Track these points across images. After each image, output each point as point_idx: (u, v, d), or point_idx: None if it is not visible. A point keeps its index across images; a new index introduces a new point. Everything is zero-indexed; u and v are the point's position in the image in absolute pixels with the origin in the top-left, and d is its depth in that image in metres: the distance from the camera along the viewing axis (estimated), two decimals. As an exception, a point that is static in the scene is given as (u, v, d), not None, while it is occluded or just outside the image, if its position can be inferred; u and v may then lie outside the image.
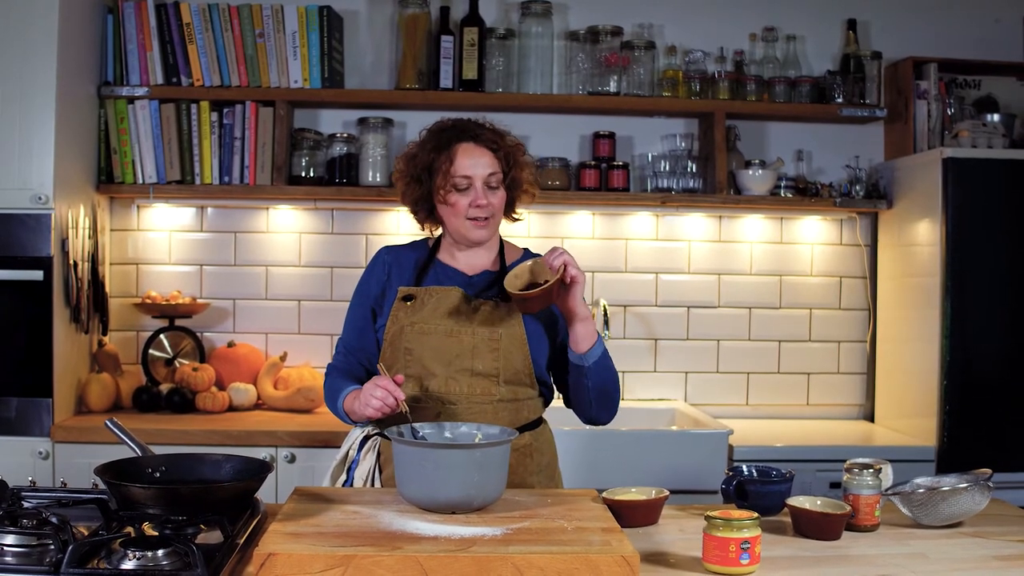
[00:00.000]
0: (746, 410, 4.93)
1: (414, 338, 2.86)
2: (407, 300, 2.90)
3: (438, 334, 2.85)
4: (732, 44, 4.82)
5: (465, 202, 2.88)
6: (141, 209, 4.75)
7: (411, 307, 2.89)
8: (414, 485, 2.40)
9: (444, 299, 2.88)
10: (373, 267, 3.05)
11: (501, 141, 2.94)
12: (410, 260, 3.02)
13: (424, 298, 2.90)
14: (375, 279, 3.01)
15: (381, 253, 3.08)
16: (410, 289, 2.92)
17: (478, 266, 3.00)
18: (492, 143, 2.91)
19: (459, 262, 3.00)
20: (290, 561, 2.03)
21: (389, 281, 2.99)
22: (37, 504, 2.34)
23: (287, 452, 4.08)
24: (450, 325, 2.85)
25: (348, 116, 4.77)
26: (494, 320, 2.86)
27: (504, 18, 4.80)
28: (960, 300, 4.26)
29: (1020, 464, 4.19)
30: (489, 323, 2.85)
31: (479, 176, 2.87)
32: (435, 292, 2.90)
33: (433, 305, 2.88)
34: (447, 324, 2.85)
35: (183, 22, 4.50)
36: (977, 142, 4.44)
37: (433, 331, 2.85)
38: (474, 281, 2.97)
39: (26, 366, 4.11)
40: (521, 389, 2.90)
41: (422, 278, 2.97)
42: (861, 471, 2.59)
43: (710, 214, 4.89)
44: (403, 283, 2.96)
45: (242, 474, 2.48)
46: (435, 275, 2.98)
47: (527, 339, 2.87)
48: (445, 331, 2.85)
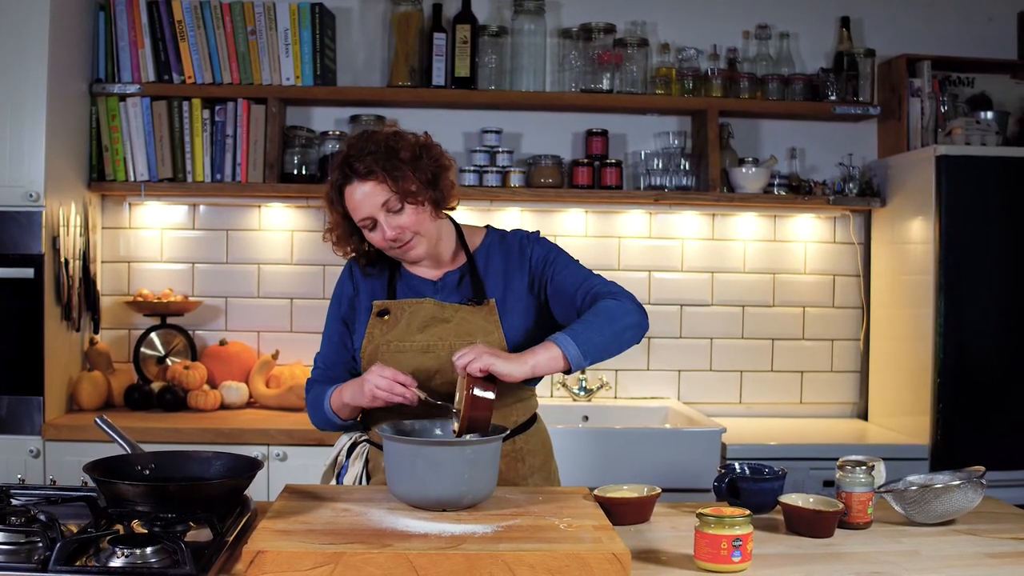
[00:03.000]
0: (739, 408, 4.92)
1: (391, 357, 2.77)
2: (382, 315, 2.83)
3: (414, 352, 2.78)
4: (725, 41, 4.81)
5: (379, 237, 2.74)
6: (133, 207, 4.74)
7: (386, 323, 2.81)
8: (405, 482, 2.40)
9: (417, 313, 2.81)
10: (341, 282, 2.96)
11: (376, 162, 2.68)
12: (377, 272, 2.91)
13: (398, 312, 2.82)
14: (345, 295, 2.93)
15: (348, 266, 2.97)
16: (384, 303, 2.84)
17: (442, 268, 2.90)
18: (369, 171, 2.67)
19: (420, 269, 2.90)
20: (279, 558, 2.02)
21: (357, 296, 2.90)
22: (26, 502, 2.34)
23: (279, 450, 4.08)
24: (426, 340, 2.78)
25: (340, 114, 4.77)
26: (471, 329, 2.78)
27: (497, 15, 4.80)
28: (954, 298, 4.26)
29: (1013, 462, 4.20)
30: (466, 333, 2.77)
31: (374, 210, 2.69)
32: (408, 305, 2.82)
33: (407, 320, 2.80)
34: (422, 340, 2.78)
35: (175, 19, 4.48)
36: (970, 139, 4.45)
37: (409, 348, 2.78)
38: (440, 285, 2.88)
39: (17, 364, 4.10)
40: (506, 394, 2.81)
41: (393, 288, 2.88)
42: (854, 469, 2.58)
43: (703, 212, 4.88)
44: (375, 295, 2.88)
45: (231, 471, 2.47)
46: (403, 286, 2.89)
47: (506, 344, 2.79)
48: (421, 348, 2.78)
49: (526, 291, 2.86)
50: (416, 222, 2.73)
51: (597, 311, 2.66)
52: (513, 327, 2.82)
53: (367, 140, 2.73)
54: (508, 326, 2.81)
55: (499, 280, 2.87)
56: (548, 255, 2.89)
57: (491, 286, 2.86)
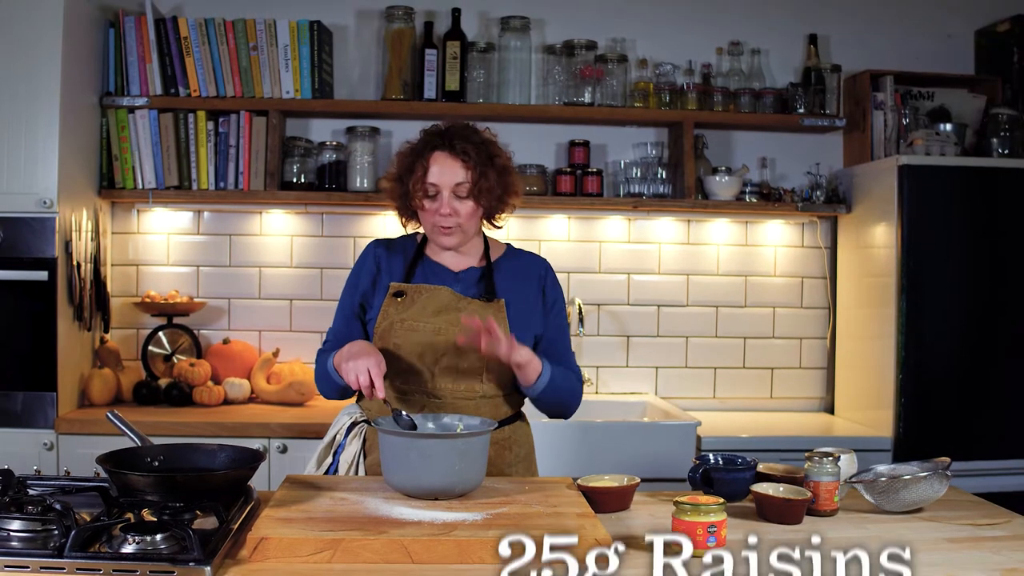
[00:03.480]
0: (713, 403, 4.93)
1: (403, 335, 2.83)
2: (398, 296, 2.88)
3: (426, 332, 2.82)
4: (700, 57, 4.82)
5: (433, 208, 2.83)
6: (141, 213, 4.73)
7: (401, 303, 2.86)
8: (399, 472, 2.41)
9: (433, 298, 2.86)
10: (364, 260, 3.00)
11: (476, 152, 2.83)
12: (400, 255, 2.99)
13: (414, 295, 2.87)
14: (365, 272, 2.98)
15: (371, 246, 3.03)
16: (401, 285, 2.90)
17: (463, 263, 2.97)
18: (465, 154, 2.81)
19: (445, 259, 2.97)
20: (281, 545, 2.03)
21: (379, 275, 2.95)
22: (42, 492, 2.33)
23: (279, 443, 4.08)
24: (438, 324, 2.83)
25: (337, 125, 4.76)
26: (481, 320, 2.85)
27: (485, 32, 4.80)
28: (915, 299, 4.28)
29: (970, 453, 4.22)
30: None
31: (446, 185, 2.80)
32: (425, 290, 2.88)
33: (422, 303, 2.86)
34: (435, 323, 2.83)
35: (181, 36, 4.48)
36: (931, 150, 4.46)
37: (421, 329, 2.83)
38: (461, 277, 2.94)
39: (31, 361, 4.10)
40: (502, 385, 2.90)
41: (412, 273, 2.94)
42: (821, 459, 2.59)
43: (679, 218, 4.90)
44: (393, 278, 2.93)
45: (236, 463, 2.47)
46: (424, 271, 2.95)
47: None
48: (433, 330, 2.82)
49: (534, 306, 2.95)
50: (468, 216, 2.84)
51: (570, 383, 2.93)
52: (516, 326, 2.88)
53: (471, 131, 2.89)
54: (513, 325, 2.88)
55: (510, 288, 2.94)
56: (557, 302, 3.03)
57: (502, 290, 2.93)
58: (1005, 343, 4.36)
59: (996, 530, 2.48)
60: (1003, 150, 4.60)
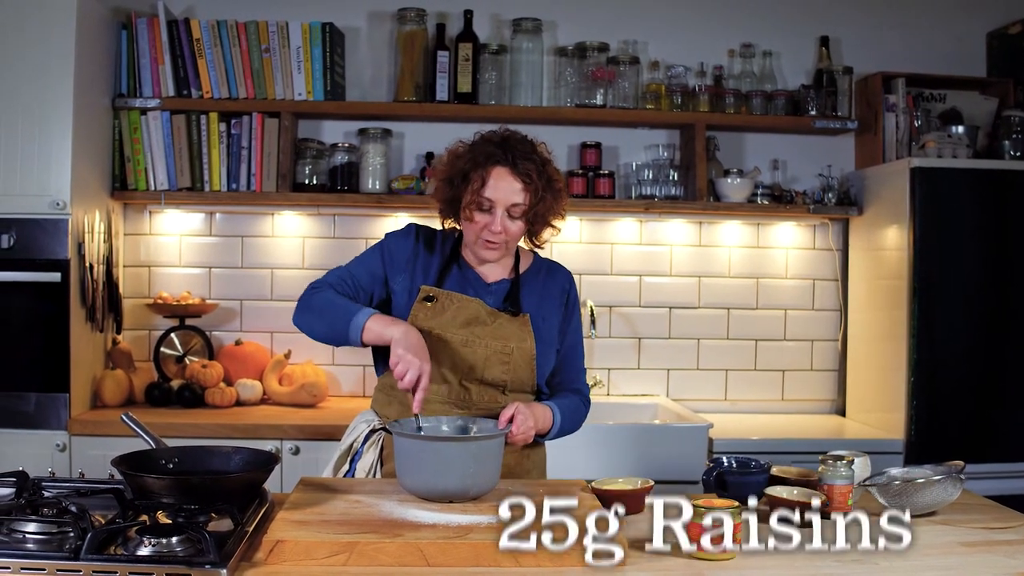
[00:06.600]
0: (725, 405, 4.93)
1: (433, 344, 2.76)
2: (428, 300, 2.83)
3: (455, 343, 2.80)
4: (712, 59, 4.82)
5: (484, 222, 2.76)
6: (153, 214, 4.74)
7: (431, 309, 2.82)
8: (414, 476, 2.41)
9: (464, 308, 2.83)
10: (407, 237, 2.93)
11: (537, 174, 2.75)
12: (438, 255, 2.92)
13: (445, 302, 2.83)
14: (403, 249, 2.91)
15: (414, 229, 2.96)
16: (432, 289, 2.85)
17: (497, 274, 2.94)
18: (527, 175, 2.74)
19: (485, 269, 2.93)
20: (297, 548, 2.03)
21: (415, 265, 2.89)
22: (57, 494, 2.33)
23: (292, 444, 4.08)
24: (466, 336, 2.80)
25: (349, 127, 4.77)
26: (508, 334, 2.82)
27: (497, 34, 4.81)
28: (926, 302, 4.28)
29: (982, 455, 4.21)
30: (503, 337, 2.82)
31: (502, 203, 2.74)
32: (456, 299, 2.84)
33: (453, 312, 2.82)
34: (463, 334, 2.80)
35: (193, 37, 4.49)
36: (943, 152, 4.46)
37: (451, 339, 2.80)
38: (493, 289, 2.91)
39: (44, 363, 4.11)
40: (523, 396, 2.88)
41: (445, 275, 2.88)
42: (835, 462, 2.59)
43: (691, 220, 4.89)
44: (426, 277, 2.87)
45: (250, 465, 2.47)
46: (457, 276, 2.90)
47: (536, 355, 2.86)
48: (461, 341, 2.80)
49: (556, 322, 2.95)
50: (515, 235, 2.82)
51: (575, 416, 2.97)
52: (542, 353, 2.88)
53: (531, 148, 2.82)
54: (539, 351, 2.87)
55: (535, 304, 2.93)
56: (575, 318, 3.03)
57: (527, 305, 2.92)
58: (1017, 345, 4.35)
59: (1010, 534, 2.47)
60: (1015, 152, 4.59)
